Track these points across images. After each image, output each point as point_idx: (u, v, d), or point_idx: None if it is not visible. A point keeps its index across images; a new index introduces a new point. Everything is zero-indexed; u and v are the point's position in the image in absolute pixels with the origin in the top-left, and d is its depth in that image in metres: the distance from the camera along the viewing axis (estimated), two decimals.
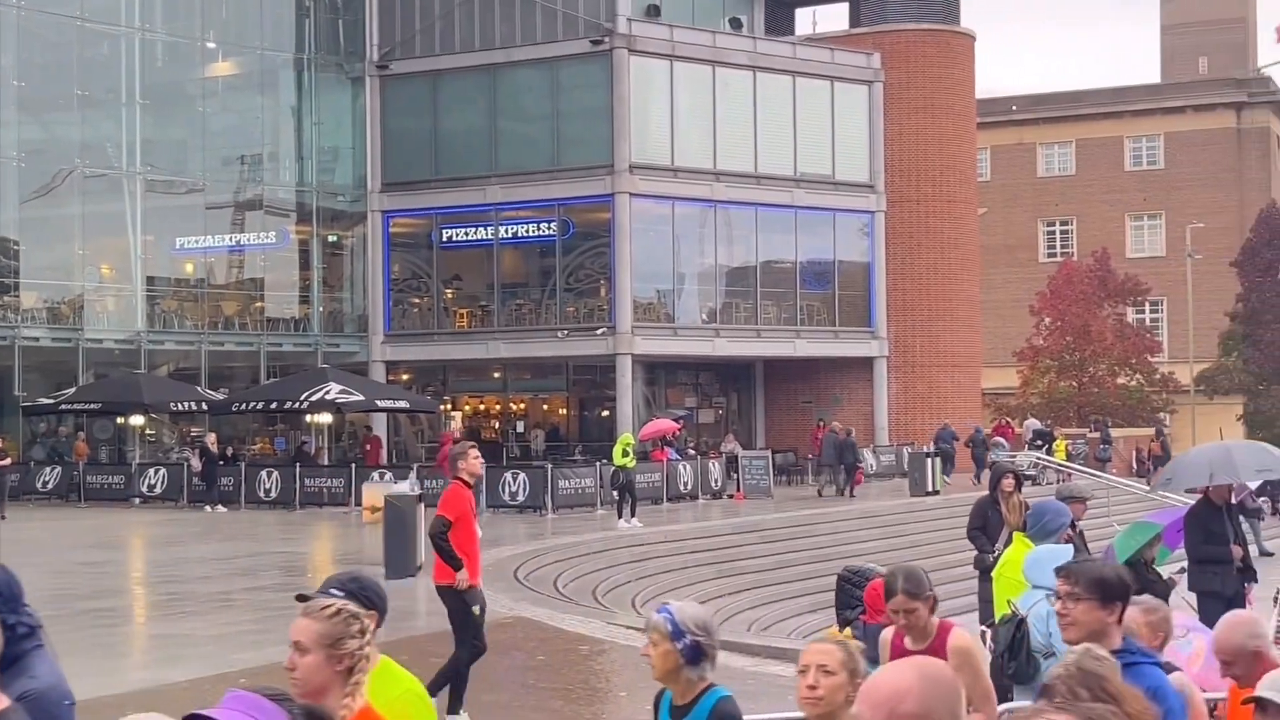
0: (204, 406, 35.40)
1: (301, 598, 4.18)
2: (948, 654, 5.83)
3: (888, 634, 6.36)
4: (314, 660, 3.87)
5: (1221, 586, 14.28)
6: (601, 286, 39.48)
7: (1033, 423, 45.87)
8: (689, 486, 33.94)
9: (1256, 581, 15.27)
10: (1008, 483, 14.86)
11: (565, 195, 39.10)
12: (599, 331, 38.51)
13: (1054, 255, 69.57)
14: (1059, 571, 5.06)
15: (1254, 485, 24.44)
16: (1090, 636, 4.55)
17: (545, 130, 39.58)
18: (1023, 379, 59.12)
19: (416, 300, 42.42)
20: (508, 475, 31.29)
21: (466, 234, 40.97)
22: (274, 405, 35.63)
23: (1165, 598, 11.54)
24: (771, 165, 40.68)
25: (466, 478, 11.16)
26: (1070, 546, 9.52)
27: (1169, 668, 5.26)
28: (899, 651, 6.18)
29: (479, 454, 11.64)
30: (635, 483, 28.67)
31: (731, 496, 34.43)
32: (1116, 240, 67.67)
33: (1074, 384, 57.75)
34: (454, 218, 40.69)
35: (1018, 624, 8.13)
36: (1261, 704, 4.30)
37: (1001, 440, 41.56)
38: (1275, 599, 15.13)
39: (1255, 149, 70.00)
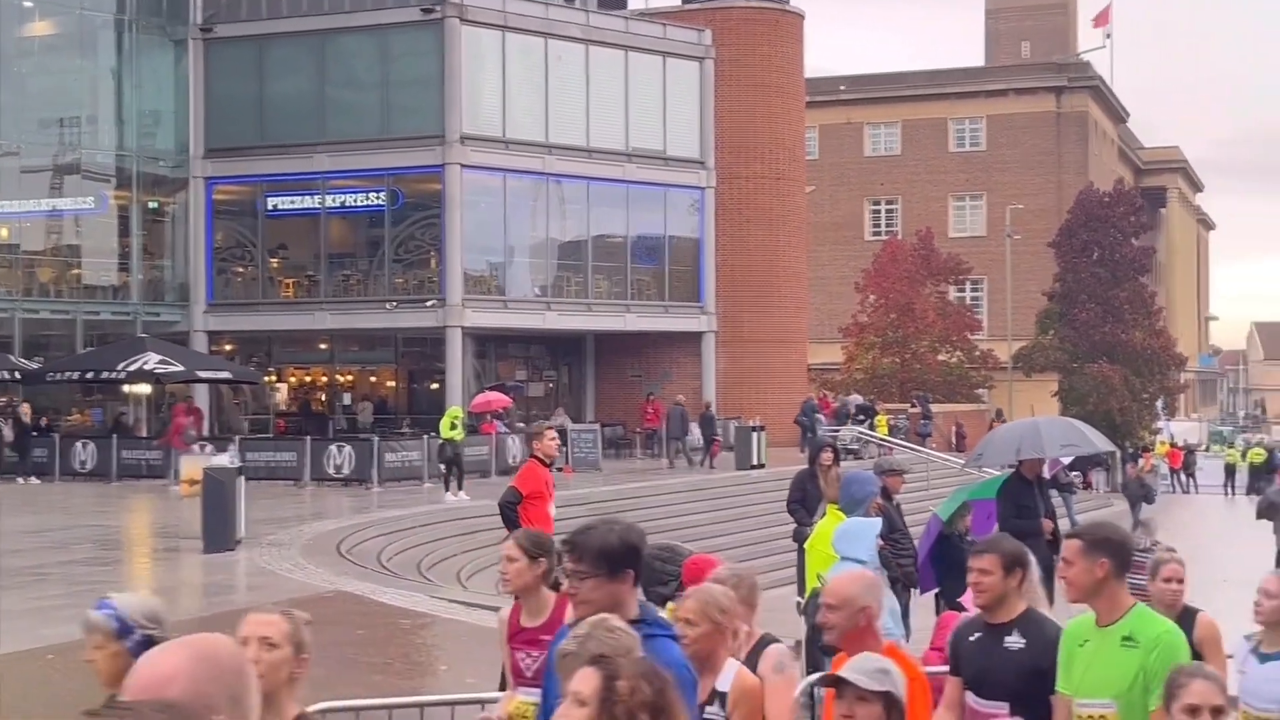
0: (17, 376, 34.29)
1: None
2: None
3: (505, 611, 5.95)
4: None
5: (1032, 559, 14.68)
6: (431, 258, 39.14)
7: (855, 398, 46.68)
8: (518, 460, 33.85)
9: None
10: (826, 456, 15.13)
11: (395, 165, 38.63)
12: (429, 303, 38.19)
13: (879, 234, 70.87)
14: (565, 546, 4.68)
15: (1066, 460, 25.24)
16: (609, 610, 4.20)
17: (375, 99, 39.03)
18: (848, 355, 60.15)
19: (240, 269, 41.59)
20: (333, 448, 30.94)
21: (293, 202, 40.25)
22: (90, 375, 34.59)
23: None
24: (604, 139, 40.69)
25: (542, 456, 11.94)
26: (879, 519, 9.71)
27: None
28: (514, 629, 5.80)
29: (555, 435, 12.46)
30: (463, 455, 28.55)
31: (560, 469, 34.42)
32: (940, 220, 69.19)
33: (897, 360, 58.90)
34: (280, 186, 39.94)
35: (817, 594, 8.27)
36: (839, 685, 4.20)
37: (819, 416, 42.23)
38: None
39: (1074, 133, 72.05)
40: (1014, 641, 5.56)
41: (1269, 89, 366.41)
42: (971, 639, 5.70)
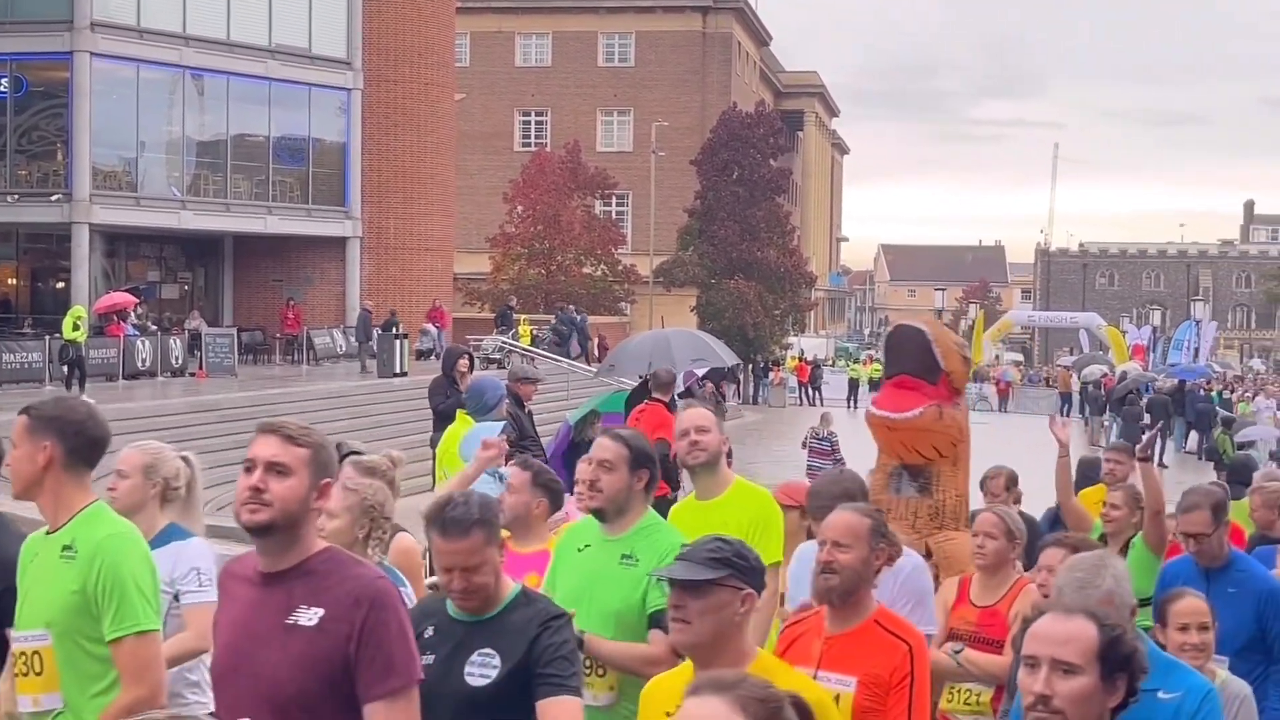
0: None
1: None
2: None
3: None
4: None
5: None
6: (58, 150, 37.15)
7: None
8: (148, 363, 32.72)
9: None
10: (463, 364, 15.19)
11: (18, 50, 36.34)
12: (53, 198, 36.27)
13: (529, 145, 70.96)
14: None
15: (700, 372, 26.00)
16: None
17: None
18: (494, 265, 60.25)
19: None
20: None
21: None
22: None
23: None
24: (245, 34, 39.30)
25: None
26: (503, 424, 9.82)
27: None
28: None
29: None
30: (86, 358, 27.37)
31: (194, 375, 33.50)
32: (588, 134, 69.74)
33: (543, 271, 59.36)
34: None
35: None
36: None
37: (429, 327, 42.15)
38: None
39: (718, 53, 73.62)
40: None
41: (900, 22, 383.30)
42: None
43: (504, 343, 41.87)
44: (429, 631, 4.27)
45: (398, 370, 34.67)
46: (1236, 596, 6.30)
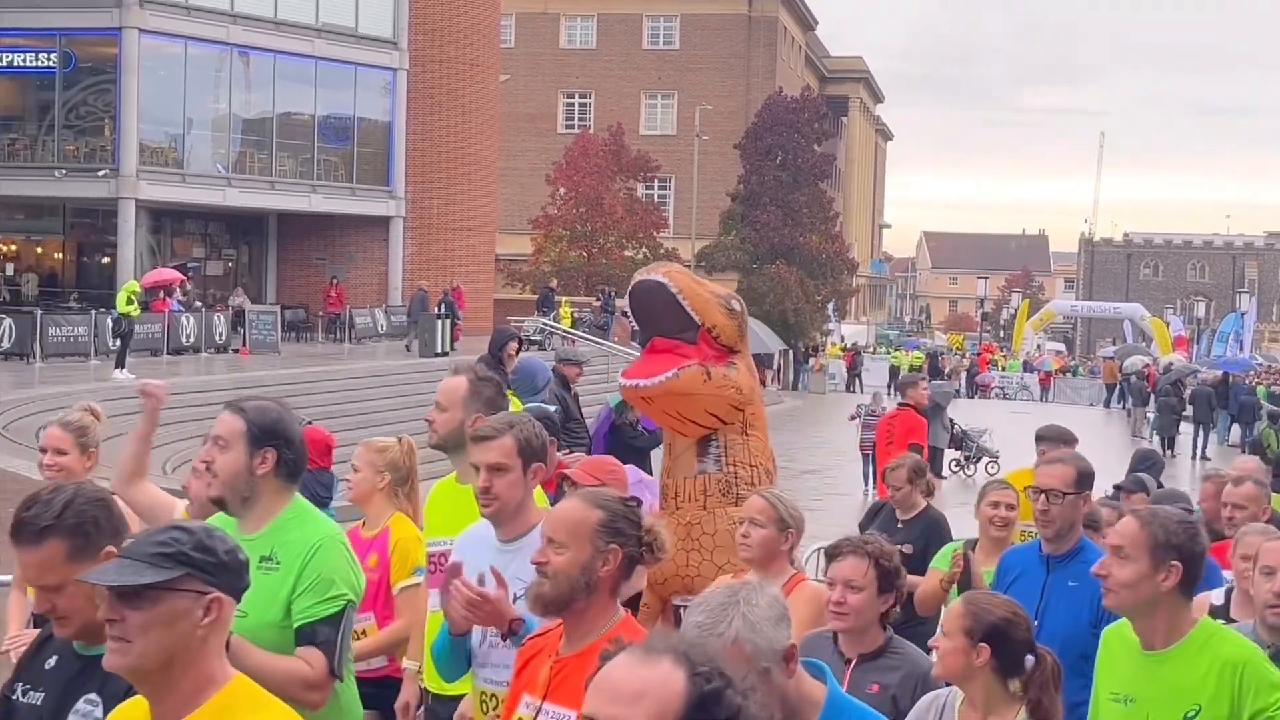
0: None
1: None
2: None
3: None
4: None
5: None
6: (106, 125, 37.38)
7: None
8: (192, 339, 32.93)
9: None
10: (512, 346, 15.24)
11: (67, 25, 36.58)
12: (101, 173, 36.51)
13: (572, 127, 70.97)
14: None
15: None
16: None
17: None
18: (536, 247, 60.32)
19: None
20: None
21: None
22: None
23: (649, 452, 12.18)
24: (292, 12, 39.44)
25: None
26: (554, 407, 9.84)
27: None
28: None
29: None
30: (132, 333, 27.56)
31: (237, 351, 33.70)
32: (631, 117, 69.71)
33: (584, 254, 59.40)
34: None
35: None
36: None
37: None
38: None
39: (763, 37, 73.39)
40: None
41: (946, 8, 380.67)
42: None
43: (545, 324, 41.93)
44: (51, 661, 3.42)
45: (439, 350, 34.77)
46: (1076, 591, 5.29)
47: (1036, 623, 4.48)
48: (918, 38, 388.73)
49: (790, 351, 57.70)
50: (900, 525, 8.07)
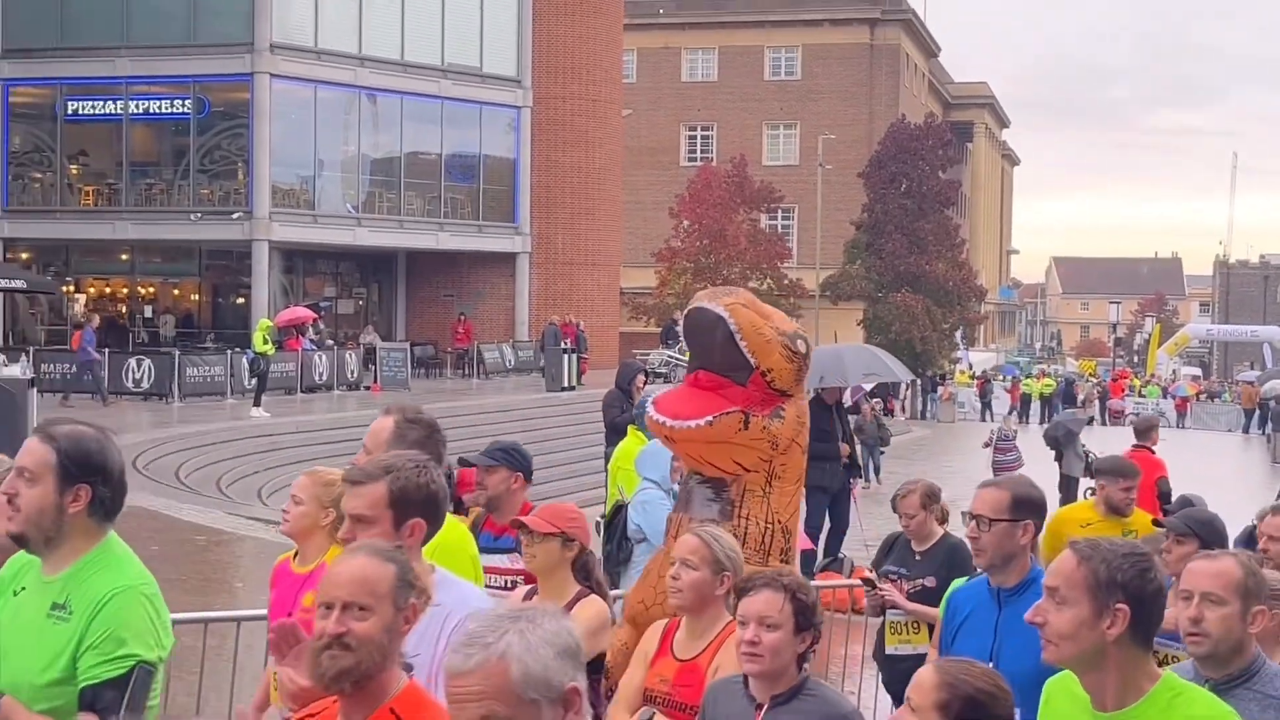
0: None
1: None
2: None
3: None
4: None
5: (829, 481, 15.11)
6: (239, 169, 38.22)
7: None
8: (324, 377, 33.49)
9: (862, 478, 16.21)
10: (640, 380, 15.36)
11: (202, 72, 37.53)
12: (235, 216, 37.34)
13: (694, 160, 71.11)
14: None
15: (868, 387, 25.87)
16: None
17: (181, 2, 37.77)
18: (660, 279, 60.47)
19: (38, 175, 40.11)
20: (132, 361, 30.15)
21: (94, 107, 38.87)
22: None
23: None
24: (419, 54, 40.05)
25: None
26: None
27: None
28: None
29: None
30: (269, 372, 28.13)
31: (368, 388, 34.18)
32: (754, 148, 69.66)
33: (708, 286, 59.29)
34: (80, 90, 38.54)
35: (618, 509, 8.36)
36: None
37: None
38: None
39: (886, 65, 73.04)
40: None
41: (1071, 31, 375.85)
42: None
43: (670, 357, 41.96)
44: None
45: (565, 384, 34.95)
46: (1034, 627, 3.86)
47: (992, 664, 4.01)
48: (1044, 62, 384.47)
49: (918, 380, 57.14)
50: (918, 557, 7.44)
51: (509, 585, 5.99)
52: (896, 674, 7.05)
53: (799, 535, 5.83)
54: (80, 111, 38.92)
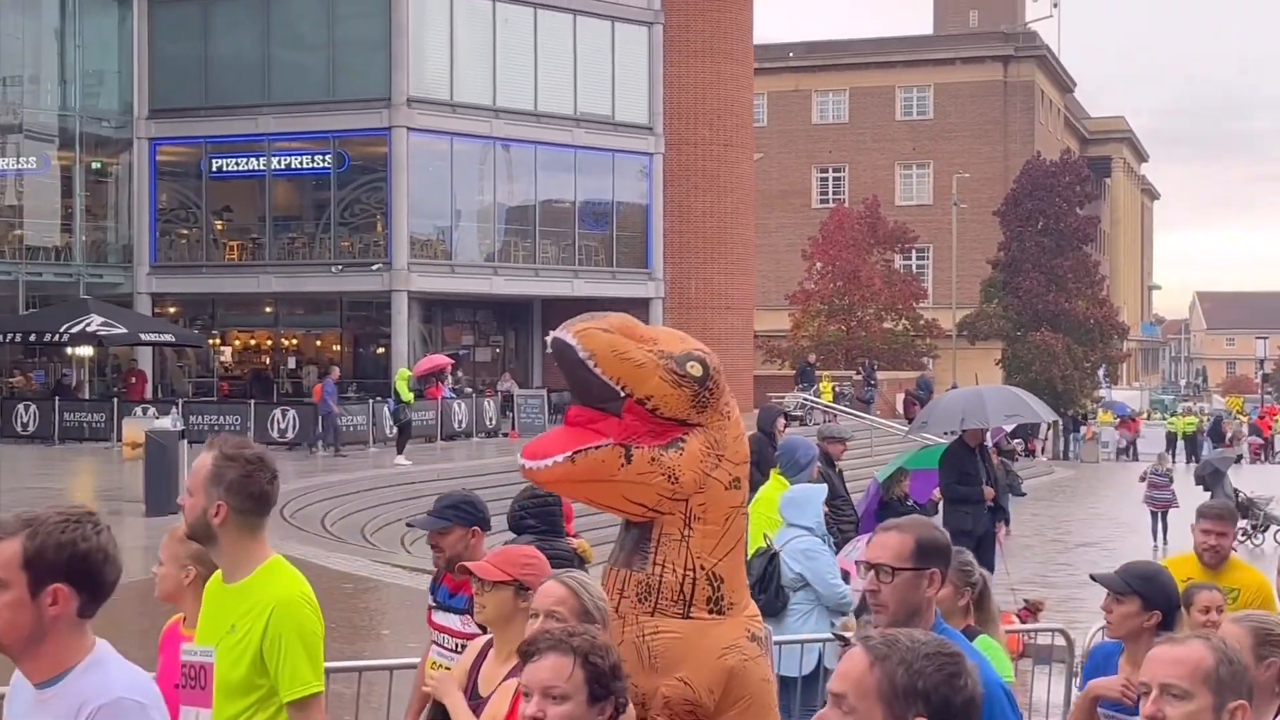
0: None
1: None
2: None
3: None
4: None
5: (972, 525, 14.90)
6: (378, 221, 38.92)
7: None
8: (464, 425, 33.87)
9: (1007, 522, 15.98)
10: (781, 423, 15.38)
11: (340, 127, 38.36)
12: (374, 267, 38.01)
13: (826, 201, 71.00)
14: None
15: (1009, 428, 25.54)
16: None
17: (321, 60, 38.70)
18: (794, 322, 60.32)
19: (184, 231, 41.25)
20: (277, 412, 30.79)
21: (237, 164, 39.93)
22: (33, 337, 34.33)
23: None
24: (552, 104, 40.52)
25: None
26: (824, 485, 9.80)
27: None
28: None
29: None
30: (412, 421, 28.55)
31: (506, 435, 34.50)
32: (886, 188, 69.37)
33: (843, 327, 59.12)
34: (224, 147, 39.60)
35: (770, 558, 8.37)
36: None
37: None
38: None
39: (1020, 102, 72.37)
40: None
41: (1208, 63, 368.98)
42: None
43: (805, 399, 41.81)
44: None
45: None
46: None
47: None
48: (1182, 95, 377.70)
49: (1060, 421, 56.24)
50: None
51: (458, 648, 5.49)
52: None
53: (743, 579, 5.11)
54: (224, 168, 39.99)
